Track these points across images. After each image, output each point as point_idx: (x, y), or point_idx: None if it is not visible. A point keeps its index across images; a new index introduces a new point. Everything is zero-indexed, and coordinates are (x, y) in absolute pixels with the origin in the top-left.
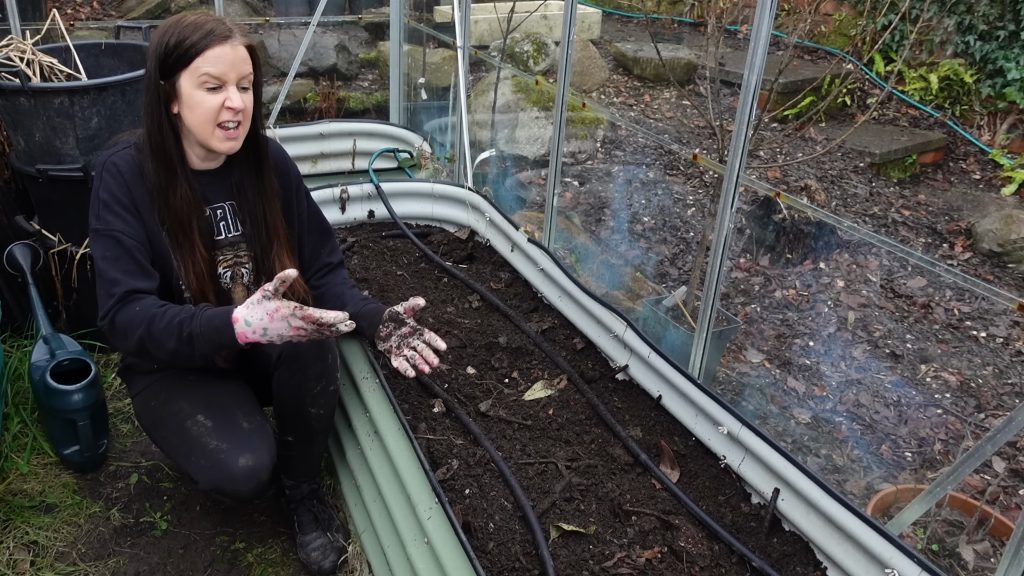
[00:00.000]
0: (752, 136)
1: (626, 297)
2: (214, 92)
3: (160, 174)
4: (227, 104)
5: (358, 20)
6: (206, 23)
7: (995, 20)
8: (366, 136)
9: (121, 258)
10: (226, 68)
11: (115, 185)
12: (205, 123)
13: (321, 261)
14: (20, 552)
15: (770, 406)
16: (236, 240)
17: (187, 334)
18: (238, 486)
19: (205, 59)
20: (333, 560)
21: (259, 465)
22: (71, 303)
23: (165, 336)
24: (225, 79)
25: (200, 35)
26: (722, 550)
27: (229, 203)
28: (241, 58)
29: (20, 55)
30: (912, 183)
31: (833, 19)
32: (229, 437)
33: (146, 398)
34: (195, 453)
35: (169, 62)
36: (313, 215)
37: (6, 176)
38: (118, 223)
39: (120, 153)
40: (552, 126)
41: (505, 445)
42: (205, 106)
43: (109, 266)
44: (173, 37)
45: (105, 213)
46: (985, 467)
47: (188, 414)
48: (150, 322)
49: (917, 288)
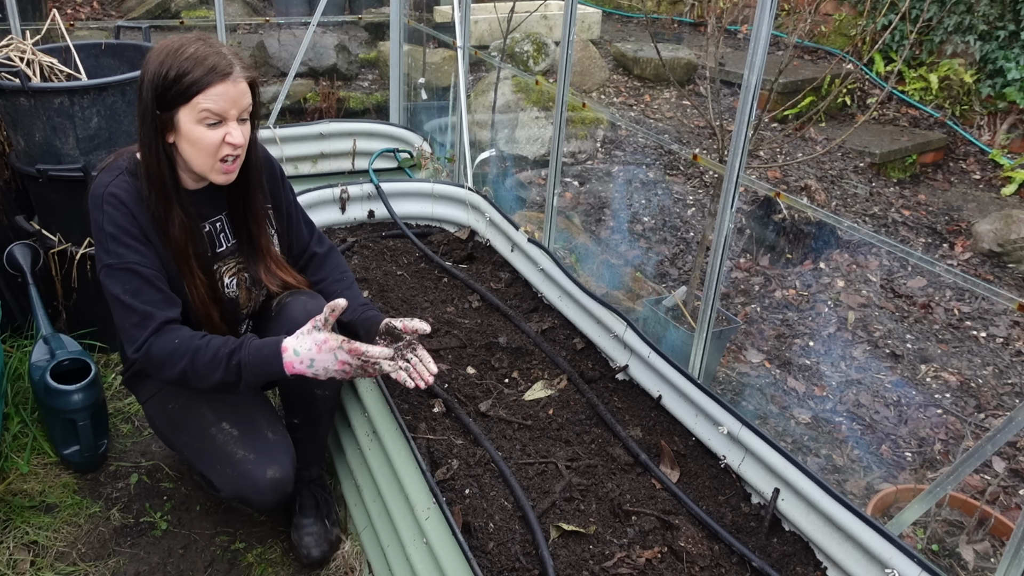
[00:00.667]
0: (752, 136)
1: (626, 297)
2: (214, 127)
3: (158, 204)
4: (228, 140)
5: (358, 20)
6: (207, 57)
7: (995, 20)
8: (366, 136)
9: (143, 290)
10: (227, 105)
11: (120, 216)
12: (205, 157)
13: (311, 250)
14: (20, 552)
15: (770, 406)
16: (235, 248)
17: (235, 363)
18: (264, 497)
19: (206, 96)
20: (324, 550)
21: (284, 477)
22: (71, 303)
23: (211, 368)
24: (226, 115)
25: (202, 72)
26: (722, 550)
27: (224, 214)
28: (241, 93)
29: (20, 55)
30: (912, 183)
31: (833, 19)
32: (255, 447)
33: (162, 401)
34: (220, 461)
35: (168, 96)
36: (297, 207)
37: (6, 176)
38: (132, 255)
39: (116, 182)
40: (552, 126)
41: (505, 445)
42: (205, 142)
43: (133, 300)
44: (172, 70)
45: (115, 247)
46: (985, 467)
47: (212, 421)
48: (195, 354)
49: (917, 288)
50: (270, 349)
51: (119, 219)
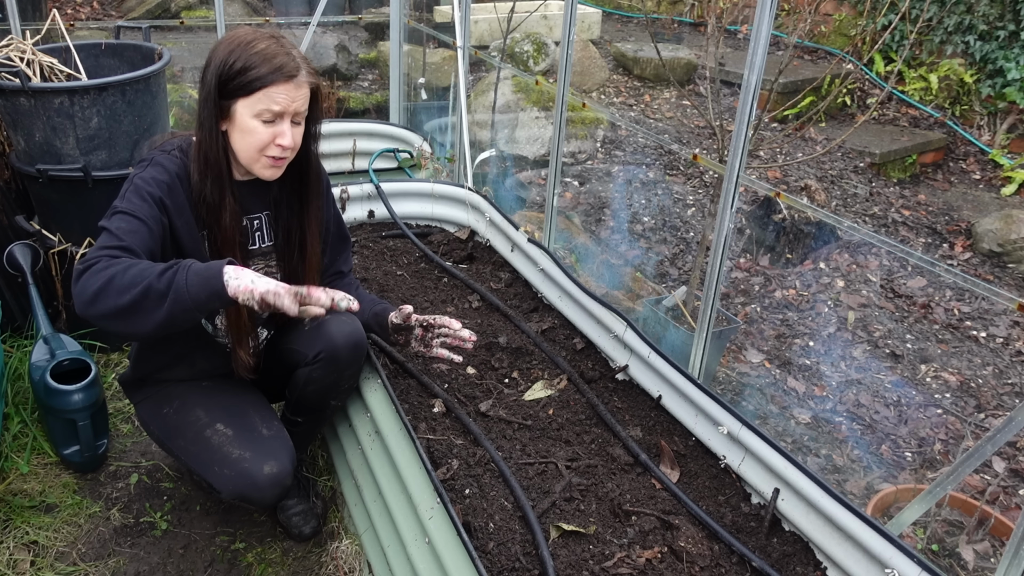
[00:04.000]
0: (752, 136)
1: (626, 297)
2: (268, 124)
3: (207, 186)
4: (278, 141)
5: (358, 20)
6: (276, 55)
7: (995, 20)
8: (366, 136)
9: (138, 231)
10: (286, 106)
11: (155, 181)
12: (253, 151)
13: (336, 268)
14: (20, 552)
15: (770, 406)
16: (268, 251)
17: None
18: (264, 493)
19: (267, 94)
20: (314, 525)
21: (282, 471)
22: (71, 303)
23: (140, 275)
24: (283, 115)
25: (268, 69)
26: (722, 550)
27: (266, 213)
28: (302, 96)
29: (20, 55)
30: (912, 183)
31: (833, 19)
32: (251, 445)
33: (155, 405)
34: (217, 463)
35: (230, 86)
36: (336, 223)
37: (6, 176)
38: (144, 208)
39: (169, 156)
40: (552, 126)
41: (505, 445)
42: (257, 136)
43: (124, 235)
44: (240, 61)
45: (134, 196)
46: (985, 467)
47: (207, 423)
48: (130, 265)
49: (917, 288)
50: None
51: (151, 180)
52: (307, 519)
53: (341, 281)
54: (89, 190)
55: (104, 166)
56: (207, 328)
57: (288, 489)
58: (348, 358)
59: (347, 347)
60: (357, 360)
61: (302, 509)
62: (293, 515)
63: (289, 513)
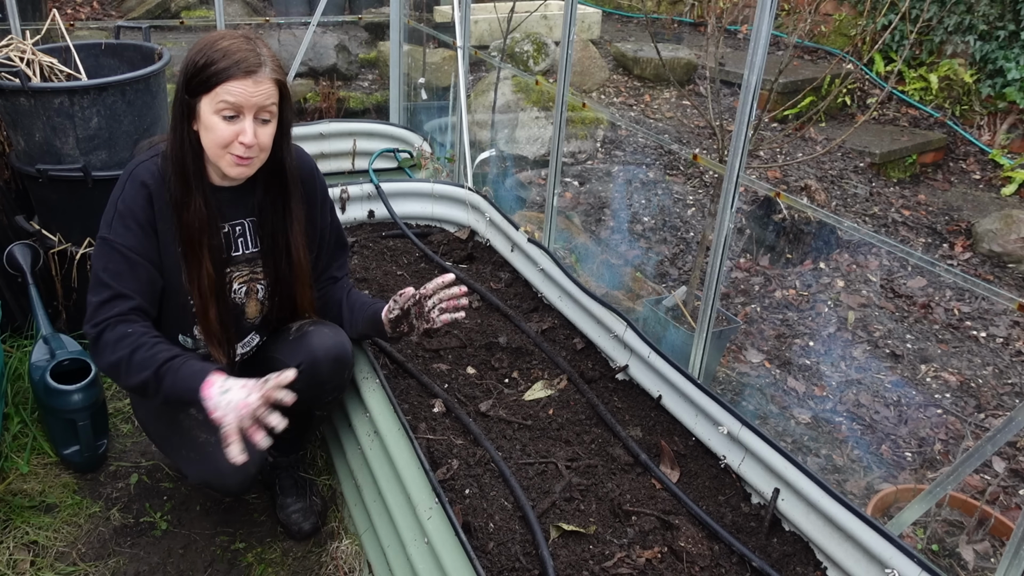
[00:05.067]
0: (752, 136)
1: (626, 297)
2: (230, 121)
3: (177, 188)
4: (240, 139)
5: (358, 20)
6: (236, 52)
7: (995, 20)
8: (366, 136)
9: (123, 274)
10: (243, 100)
11: (134, 199)
12: (216, 147)
13: (329, 274)
14: (20, 552)
15: (770, 406)
16: (254, 256)
17: (165, 368)
18: (225, 480)
19: (225, 88)
20: (313, 523)
21: (248, 459)
22: (71, 303)
23: (143, 366)
24: (241, 110)
25: (227, 63)
26: (722, 550)
27: (250, 219)
28: (264, 93)
29: (20, 55)
30: (912, 183)
31: (833, 19)
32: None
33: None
34: (185, 446)
35: (193, 83)
36: (334, 230)
37: (6, 176)
38: (129, 238)
39: (147, 164)
40: (552, 126)
41: (505, 445)
42: (218, 132)
43: (111, 280)
44: (202, 58)
45: (118, 224)
46: (985, 467)
47: (180, 407)
48: (136, 349)
49: (917, 288)
50: (202, 368)
51: (131, 201)
52: (307, 515)
53: (334, 286)
54: (89, 190)
55: (104, 166)
56: (186, 344)
57: (253, 478)
58: (329, 371)
59: (327, 360)
60: (339, 373)
61: (301, 507)
62: (292, 512)
63: (288, 511)
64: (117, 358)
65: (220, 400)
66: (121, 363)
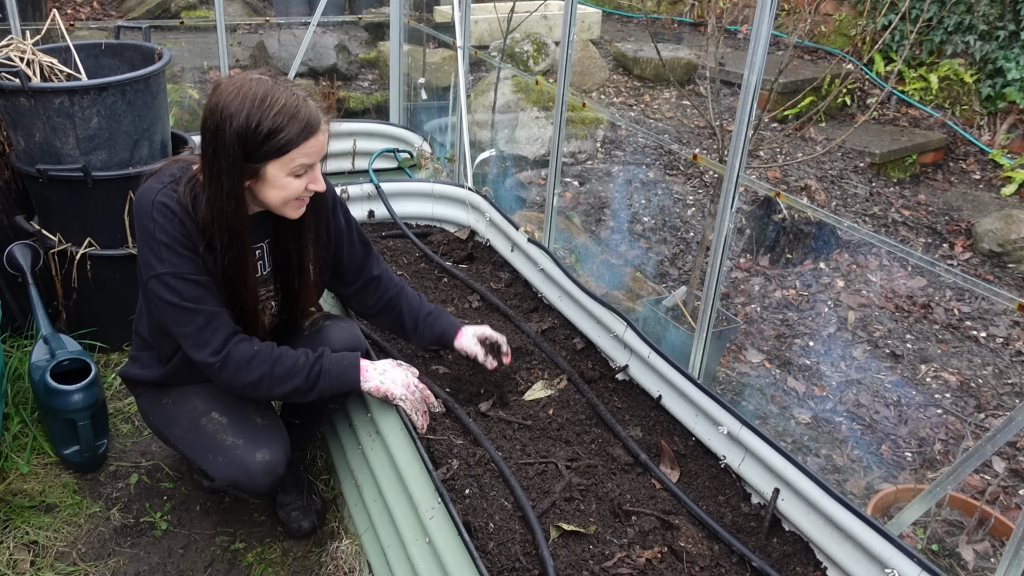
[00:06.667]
0: (752, 136)
1: (626, 297)
2: (301, 176)
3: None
4: (311, 187)
5: (358, 20)
6: (299, 111)
7: (995, 20)
8: (366, 136)
9: (203, 297)
10: (317, 156)
11: (171, 226)
12: (285, 200)
13: (368, 274)
14: (20, 552)
15: (770, 406)
16: (267, 278)
17: (316, 370)
18: (256, 481)
19: (301, 152)
20: (312, 520)
21: (275, 459)
22: (71, 303)
23: (290, 375)
24: (314, 164)
25: (297, 129)
26: (722, 550)
27: (267, 241)
28: (327, 140)
29: (20, 55)
30: (912, 183)
31: (833, 19)
32: (245, 433)
33: (155, 396)
34: (211, 450)
35: (260, 151)
36: (354, 230)
37: (6, 176)
38: (187, 265)
39: (165, 191)
40: (552, 126)
41: (505, 445)
42: (291, 189)
43: (198, 305)
44: (265, 123)
45: (169, 255)
46: (985, 467)
47: (202, 411)
48: (276, 361)
49: (917, 288)
50: (349, 360)
51: (170, 229)
52: (306, 514)
53: (379, 287)
54: (89, 190)
55: (104, 166)
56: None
57: (281, 478)
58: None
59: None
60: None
61: (300, 505)
62: (292, 510)
63: (288, 509)
64: (259, 375)
65: (383, 380)
66: (263, 379)
